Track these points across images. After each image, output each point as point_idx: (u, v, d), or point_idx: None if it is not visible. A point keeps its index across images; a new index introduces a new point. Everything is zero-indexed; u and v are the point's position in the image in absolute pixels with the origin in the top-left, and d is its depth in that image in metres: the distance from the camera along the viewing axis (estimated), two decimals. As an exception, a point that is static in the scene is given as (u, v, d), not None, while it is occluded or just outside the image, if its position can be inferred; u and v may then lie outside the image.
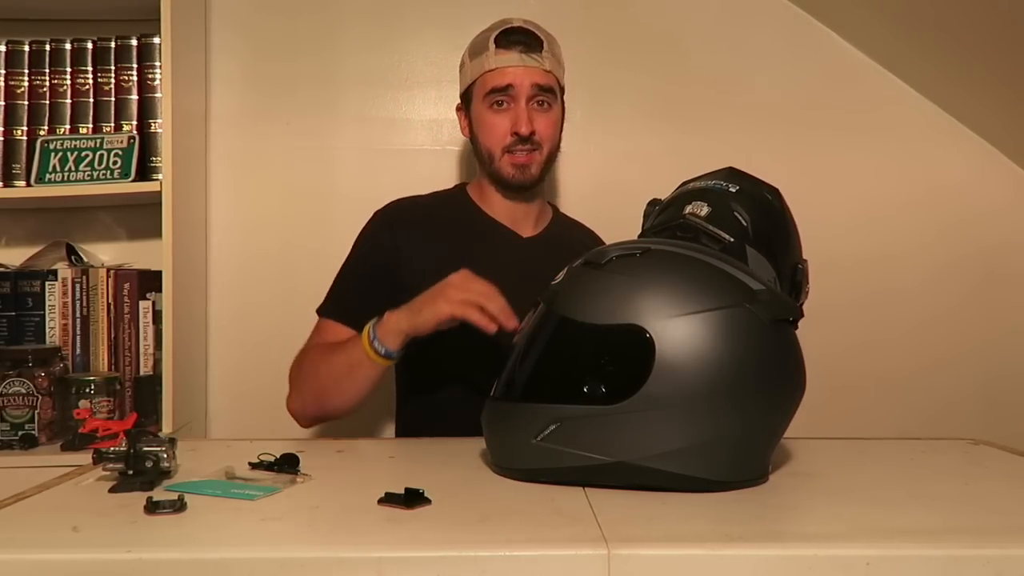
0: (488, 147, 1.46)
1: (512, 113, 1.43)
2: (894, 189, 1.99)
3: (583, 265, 0.97)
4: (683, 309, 0.89)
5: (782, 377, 0.93)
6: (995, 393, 1.99)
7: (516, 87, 1.42)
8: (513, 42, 1.43)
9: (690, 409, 0.87)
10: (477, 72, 1.45)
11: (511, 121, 1.43)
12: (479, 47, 1.45)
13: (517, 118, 1.42)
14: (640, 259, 0.94)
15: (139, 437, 0.92)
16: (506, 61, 1.42)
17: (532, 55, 1.42)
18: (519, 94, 1.42)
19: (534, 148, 1.45)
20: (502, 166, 1.45)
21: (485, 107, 1.45)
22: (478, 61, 1.45)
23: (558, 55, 1.48)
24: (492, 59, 1.42)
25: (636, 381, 0.87)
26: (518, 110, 1.42)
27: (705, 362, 0.87)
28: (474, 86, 1.47)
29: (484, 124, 1.46)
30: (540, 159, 1.46)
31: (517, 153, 1.44)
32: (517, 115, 1.42)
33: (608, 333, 0.90)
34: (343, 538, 0.76)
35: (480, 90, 1.45)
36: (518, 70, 1.42)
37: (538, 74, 1.43)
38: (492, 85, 1.43)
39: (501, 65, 1.42)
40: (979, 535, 0.76)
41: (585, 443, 0.89)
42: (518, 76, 1.42)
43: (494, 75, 1.43)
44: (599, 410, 0.89)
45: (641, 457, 0.88)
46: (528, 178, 1.46)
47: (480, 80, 1.45)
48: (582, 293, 0.94)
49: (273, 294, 1.96)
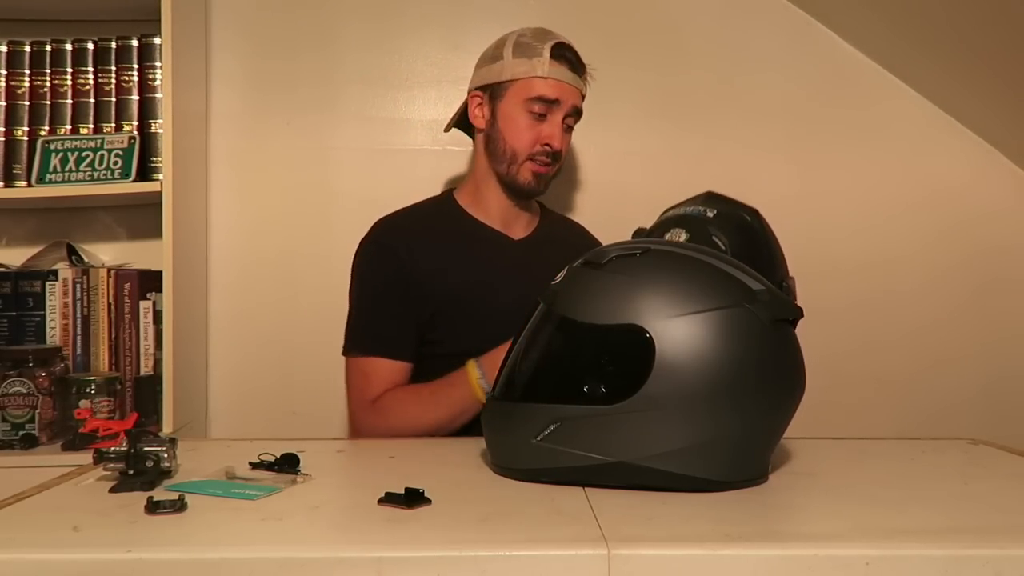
0: (514, 148, 1.48)
1: (548, 125, 1.47)
2: (894, 189, 1.99)
3: (583, 265, 0.97)
4: (683, 309, 0.89)
5: (782, 377, 0.93)
6: (995, 394, 1.99)
7: (562, 102, 1.46)
8: (566, 58, 1.47)
9: (690, 409, 0.87)
10: (524, 73, 1.46)
11: (546, 133, 1.46)
12: (529, 50, 1.47)
13: (552, 132, 1.46)
14: (640, 259, 0.94)
15: (140, 437, 0.92)
16: (559, 75, 1.46)
17: (579, 76, 1.49)
18: (560, 109, 1.46)
19: (555, 163, 1.49)
20: (522, 171, 1.48)
21: (522, 110, 1.46)
22: (526, 63, 1.46)
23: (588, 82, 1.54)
24: (546, 67, 1.45)
25: (636, 381, 0.87)
26: (554, 124, 1.47)
27: (705, 362, 0.87)
28: (513, 84, 1.47)
29: (517, 126, 1.47)
30: (553, 173, 1.51)
31: (540, 163, 1.47)
32: (553, 129, 1.46)
33: (608, 333, 0.90)
34: (343, 538, 0.76)
35: (522, 92, 1.46)
36: (568, 87, 1.47)
37: (579, 96, 1.50)
38: (541, 93, 1.45)
39: (555, 77, 1.45)
40: (979, 535, 0.76)
41: (585, 443, 0.89)
42: (566, 93, 1.47)
43: (545, 85, 1.45)
44: (599, 410, 0.89)
45: (641, 457, 0.88)
46: (541, 188, 1.51)
47: (525, 83, 1.46)
48: (582, 293, 0.94)
49: (273, 294, 1.96)
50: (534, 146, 1.47)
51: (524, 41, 1.48)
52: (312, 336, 1.95)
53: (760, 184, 1.97)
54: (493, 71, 1.50)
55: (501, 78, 1.49)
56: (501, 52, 1.50)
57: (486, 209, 1.54)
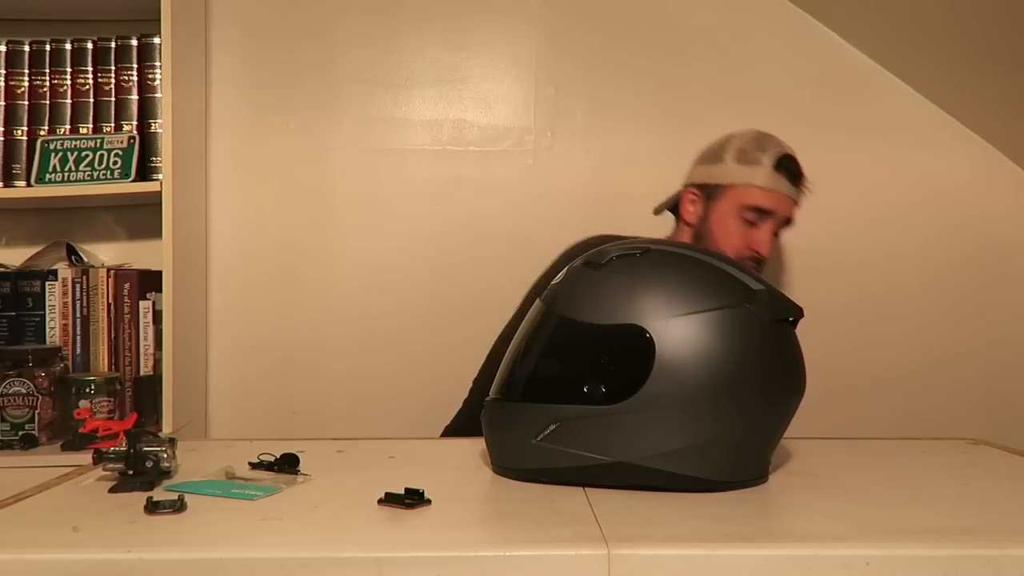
0: (723, 249, 1.50)
1: (759, 232, 1.51)
2: (894, 189, 1.99)
3: (583, 265, 0.97)
4: (683, 309, 0.89)
5: (782, 377, 0.93)
6: (996, 394, 1.99)
7: (776, 213, 1.51)
8: (786, 169, 1.51)
9: (690, 409, 0.87)
10: (743, 180, 1.51)
11: (756, 239, 1.51)
12: (751, 157, 1.52)
13: (763, 240, 1.51)
14: (640, 259, 0.94)
15: (139, 437, 0.92)
16: (778, 186, 1.51)
17: (797, 187, 1.54)
18: (773, 220, 1.51)
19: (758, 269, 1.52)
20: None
21: (735, 215, 1.51)
22: (747, 170, 1.51)
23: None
24: (766, 178, 1.50)
25: (636, 381, 0.87)
26: (766, 233, 1.51)
27: (705, 362, 0.87)
28: (732, 190, 1.52)
29: (729, 229, 1.52)
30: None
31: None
32: (764, 239, 1.51)
33: (608, 333, 0.90)
34: (343, 538, 0.76)
35: (740, 197, 1.51)
36: (785, 199, 1.52)
37: (792, 207, 1.54)
38: (758, 203, 1.50)
39: (775, 188, 1.50)
40: (979, 535, 0.76)
41: (585, 443, 0.89)
42: (783, 205, 1.52)
43: (763, 195, 1.50)
44: (599, 410, 0.89)
45: (641, 457, 0.88)
46: None
47: (744, 190, 1.51)
48: (582, 293, 0.94)
49: (273, 294, 1.96)
50: (742, 251, 1.51)
51: (747, 147, 1.53)
52: (312, 336, 1.95)
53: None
54: (713, 173, 1.55)
55: (721, 181, 1.54)
56: (723, 155, 1.55)
57: None
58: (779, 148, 1.53)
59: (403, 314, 1.93)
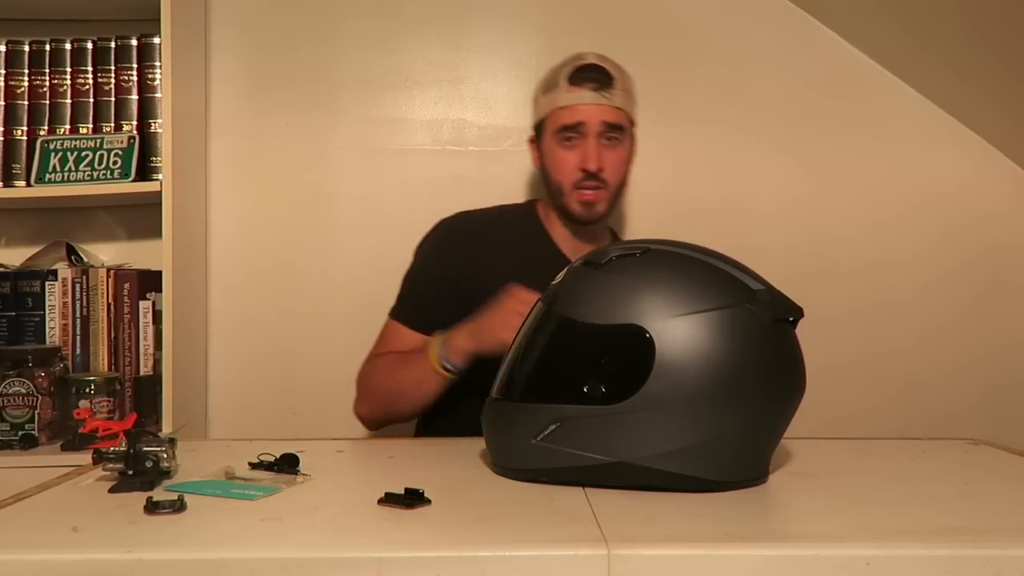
0: (558, 181, 1.48)
1: (581, 149, 1.45)
2: (895, 190, 1.99)
3: (583, 265, 0.97)
4: (683, 309, 0.89)
5: (782, 377, 0.93)
6: (997, 396, 1.98)
7: (586, 124, 1.44)
8: (585, 79, 1.45)
9: (690, 409, 0.87)
10: (549, 108, 1.48)
11: (580, 157, 1.45)
12: (551, 83, 1.48)
13: (586, 155, 1.44)
14: (640, 259, 0.94)
15: (139, 437, 0.92)
16: (577, 99, 1.44)
17: (603, 92, 1.44)
18: (589, 131, 1.44)
19: (600, 185, 1.46)
20: (570, 201, 1.48)
21: (555, 143, 1.47)
22: (550, 96, 1.48)
23: (629, 89, 1.49)
24: (564, 96, 1.45)
25: (636, 381, 0.87)
26: (587, 147, 1.45)
27: (705, 362, 0.87)
28: (545, 121, 1.49)
29: (554, 159, 1.48)
30: (607, 196, 1.48)
31: (585, 190, 1.46)
32: (586, 152, 1.45)
33: (608, 333, 0.90)
34: (343, 538, 0.76)
35: (551, 125, 1.48)
36: (589, 108, 1.44)
37: (608, 112, 1.45)
38: (563, 122, 1.45)
39: (572, 103, 1.44)
40: (979, 535, 0.76)
41: (585, 443, 0.89)
42: (588, 114, 1.44)
43: (565, 112, 1.45)
44: (599, 410, 0.89)
45: (641, 457, 0.88)
46: (595, 215, 1.49)
47: (551, 116, 1.47)
48: (582, 293, 0.94)
49: (273, 294, 1.96)
50: (574, 174, 1.46)
51: (549, 75, 1.50)
52: (312, 336, 1.95)
53: (760, 185, 1.98)
54: (535, 113, 1.53)
55: (537, 118, 1.52)
56: (536, 92, 1.53)
57: (556, 232, 1.55)
58: (577, 61, 1.47)
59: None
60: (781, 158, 1.98)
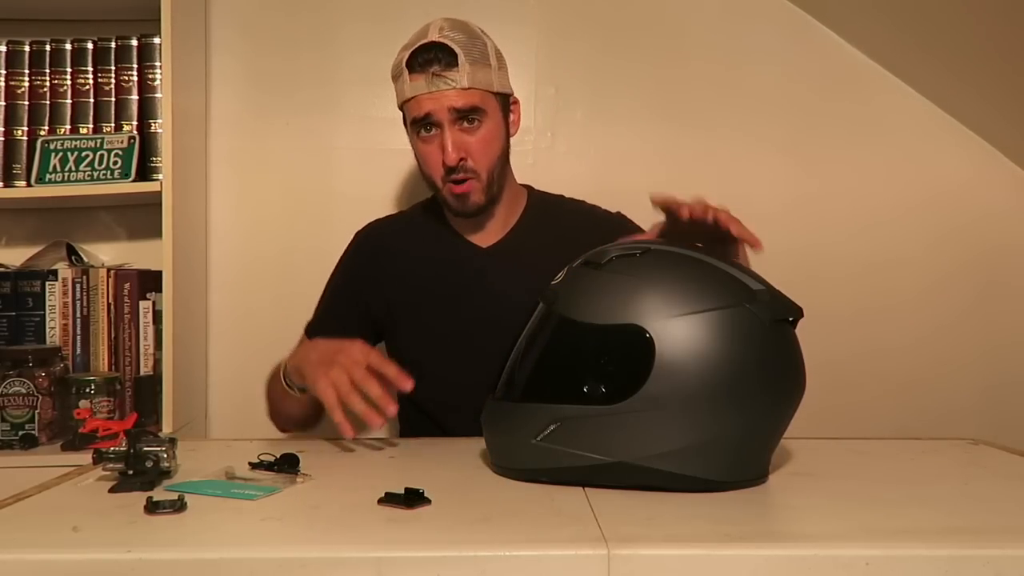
0: (428, 176, 1.39)
1: (439, 140, 1.33)
2: (895, 190, 1.99)
3: (583, 265, 0.97)
4: (683, 309, 0.89)
5: (782, 377, 0.93)
6: (997, 396, 1.98)
7: (434, 114, 1.32)
8: (424, 63, 1.31)
9: (690, 409, 0.87)
10: (398, 98, 1.38)
11: (439, 149, 1.34)
12: (396, 69, 1.36)
13: (444, 148, 1.33)
14: (640, 259, 0.94)
15: (139, 437, 0.92)
16: (418, 88, 1.32)
17: (445, 76, 1.30)
18: (440, 120, 1.32)
19: (469, 176, 1.35)
20: (445, 196, 1.38)
21: (415, 136, 1.37)
22: (398, 87, 1.37)
23: (484, 59, 1.34)
24: (407, 87, 1.33)
25: (636, 381, 0.87)
26: (443, 138, 1.32)
27: (705, 362, 0.87)
28: (403, 113, 1.39)
29: (418, 153, 1.39)
30: (480, 185, 1.37)
31: (454, 182, 1.35)
32: (443, 144, 1.33)
33: (608, 333, 0.90)
34: (343, 538, 0.76)
35: (407, 118, 1.38)
36: (431, 97, 1.31)
37: (453, 96, 1.31)
38: (412, 115, 1.35)
39: (415, 94, 1.32)
40: (979, 535, 0.76)
41: (585, 443, 0.89)
42: (433, 103, 1.31)
43: (411, 105, 1.34)
44: (599, 410, 0.89)
45: (641, 457, 0.88)
46: (472, 206, 1.38)
47: (403, 108, 1.38)
48: (582, 293, 0.94)
49: (273, 294, 1.96)
50: (439, 168, 1.35)
51: (395, 59, 1.37)
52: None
53: (759, 185, 1.98)
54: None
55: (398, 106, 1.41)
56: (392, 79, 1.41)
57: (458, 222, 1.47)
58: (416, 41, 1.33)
59: (403, 314, 1.92)
60: (781, 158, 1.98)
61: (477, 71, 1.33)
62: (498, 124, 1.38)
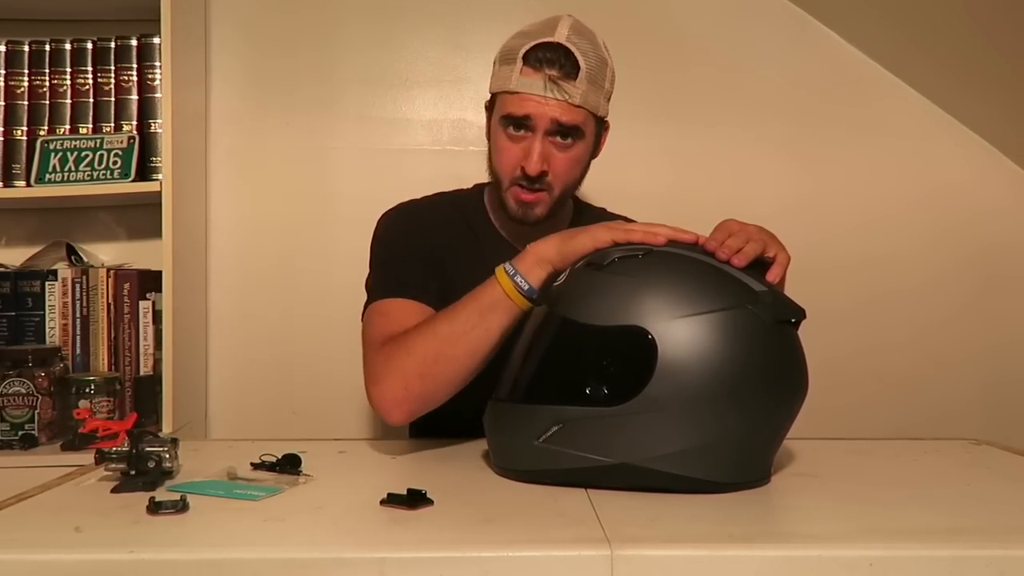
0: (498, 171, 1.30)
1: (527, 144, 1.24)
2: (894, 189, 1.99)
3: (585, 267, 0.97)
4: (685, 310, 0.89)
5: (784, 378, 0.93)
6: (998, 395, 1.99)
7: (534, 119, 1.22)
8: (544, 62, 1.21)
9: (692, 410, 0.87)
10: (499, 86, 1.26)
11: (524, 152, 1.24)
12: (509, 55, 1.25)
13: (529, 155, 1.23)
14: (642, 260, 0.94)
15: (141, 437, 0.92)
16: (529, 87, 1.21)
17: (562, 84, 1.20)
18: (537, 127, 1.23)
19: (543, 189, 1.27)
20: (508, 196, 1.29)
21: (500, 128, 1.26)
22: (504, 73, 1.25)
23: (601, 79, 1.26)
24: (516, 79, 1.22)
25: (638, 382, 0.87)
26: (533, 144, 1.23)
27: (708, 363, 0.87)
28: (497, 99, 1.28)
29: (497, 147, 1.29)
30: (549, 200, 1.28)
31: (523, 190, 1.27)
32: (530, 151, 1.23)
33: (610, 334, 0.90)
34: (346, 539, 0.76)
35: (499, 107, 1.27)
36: (539, 102, 1.21)
37: (563, 110, 1.21)
38: (509, 111, 1.24)
39: (523, 91, 1.21)
40: (982, 535, 0.76)
41: (587, 445, 0.89)
42: (538, 108, 1.21)
43: (514, 100, 1.23)
44: (601, 412, 0.89)
45: (643, 459, 0.88)
46: (532, 217, 1.29)
47: (501, 98, 1.26)
48: (584, 294, 0.94)
49: (273, 294, 1.95)
50: (515, 170, 1.25)
51: (510, 43, 1.27)
52: (312, 336, 1.95)
53: (760, 184, 1.98)
54: (491, 81, 1.31)
55: (491, 89, 1.30)
56: (496, 58, 1.30)
57: (501, 219, 1.38)
58: (542, 34, 1.22)
59: (403, 314, 1.92)
60: (781, 158, 1.98)
61: (591, 91, 1.24)
62: (589, 147, 1.31)
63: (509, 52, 1.25)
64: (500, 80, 1.26)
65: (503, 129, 1.26)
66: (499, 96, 1.27)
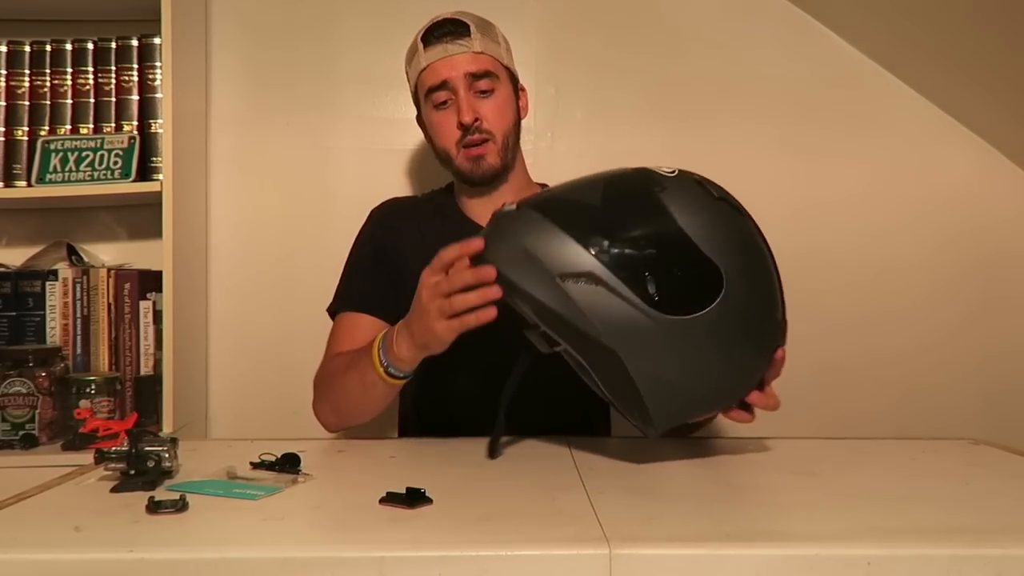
0: (443, 147, 1.42)
1: (454, 107, 1.39)
2: (898, 194, 1.98)
3: (696, 183, 1.07)
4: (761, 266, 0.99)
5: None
6: (998, 402, 1.97)
7: (450, 80, 1.37)
8: (439, 36, 1.39)
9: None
10: (414, 76, 1.44)
11: (454, 114, 1.39)
12: (411, 50, 1.44)
13: (463, 110, 1.37)
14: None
15: (141, 437, 0.92)
16: (434, 56, 1.39)
17: (458, 42, 1.38)
18: (456, 86, 1.38)
19: (485, 138, 1.39)
20: (460, 163, 1.41)
21: (430, 109, 1.42)
22: (414, 65, 1.43)
23: (494, 36, 1.43)
24: (422, 58, 1.40)
25: (681, 304, 0.92)
26: (459, 102, 1.38)
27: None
28: (418, 92, 1.45)
29: (433, 126, 1.43)
30: (495, 148, 1.40)
31: (468, 145, 1.39)
32: (458, 107, 1.38)
33: (694, 256, 0.94)
34: (345, 538, 0.76)
35: (421, 93, 1.43)
36: (447, 62, 1.38)
37: (468, 59, 1.38)
38: (428, 84, 1.40)
39: (430, 61, 1.39)
40: (980, 535, 0.76)
41: (597, 317, 0.91)
42: (449, 68, 1.38)
43: (427, 74, 1.40)
44: (634, 301, 0.91)
45: (628, 360, 0.92)
46: (487, 169, 1.40)
47: (419, 83, 1.43)
48: (697, 211, 1.01)
49: (273, 294, 1.96)
50: (454, 134, 1.39)
51: (409, 48, 1.45)
52: (312, 336, 1.93)
53: (761, 188, 1.96)
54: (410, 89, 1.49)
55: (412, 92, 1.48)
56: (405, 67, 1.48)
57: (469, 205, 1.48)
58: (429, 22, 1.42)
59: (403, 314, 1.92)
60: (782, 161, 1.98)
61: (488, 42, 1.40)
62: (510, 94, 1.43)
63: (410, 49, 1.44)
64: (412, 74, 1.44)
65: (432, 109, 1.41)
66: (419, 83, 1.43)
